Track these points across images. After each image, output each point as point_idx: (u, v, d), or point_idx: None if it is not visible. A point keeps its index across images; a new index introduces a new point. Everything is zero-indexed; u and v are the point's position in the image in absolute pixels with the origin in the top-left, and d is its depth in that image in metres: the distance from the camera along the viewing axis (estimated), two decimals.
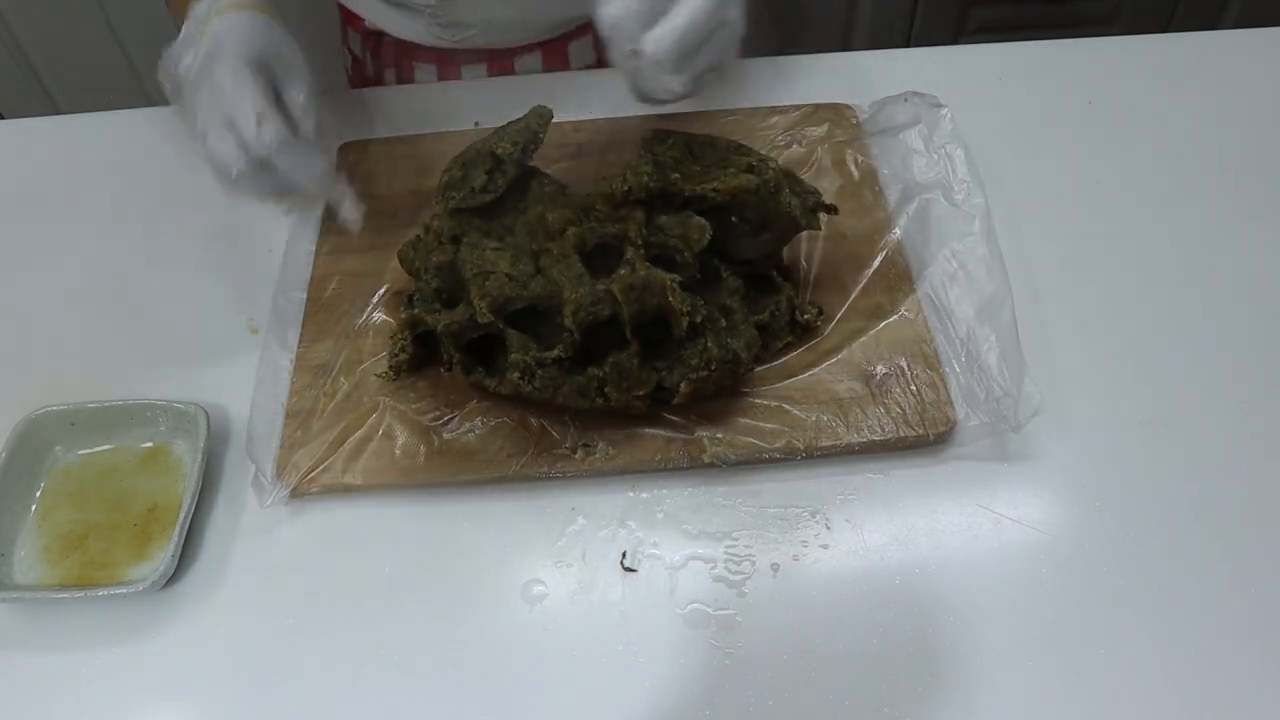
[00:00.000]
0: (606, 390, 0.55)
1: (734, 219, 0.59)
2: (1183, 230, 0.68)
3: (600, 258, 0.57)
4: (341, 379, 0.61)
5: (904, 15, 1.56)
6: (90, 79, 1.54)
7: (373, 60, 0.87)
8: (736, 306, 0.58)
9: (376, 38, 0.85)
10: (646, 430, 0.58)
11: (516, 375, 0.55)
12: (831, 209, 0.61)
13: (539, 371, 0.55)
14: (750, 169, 0.59)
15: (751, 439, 0.57)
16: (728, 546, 0.55)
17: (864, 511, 0.56)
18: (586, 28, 0.83)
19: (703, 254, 0.57)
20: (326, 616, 0.54)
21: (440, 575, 0.55)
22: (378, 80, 0.88)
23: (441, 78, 0.84)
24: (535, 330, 0.57)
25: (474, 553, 0.56)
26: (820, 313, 0.61)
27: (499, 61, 0.84)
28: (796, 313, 0.60)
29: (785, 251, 0.63)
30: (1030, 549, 0.54)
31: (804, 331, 0.61)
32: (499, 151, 0.59)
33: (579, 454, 0.57)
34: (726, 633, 0.52)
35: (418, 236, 0.63)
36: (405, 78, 0.86)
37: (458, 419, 0.59)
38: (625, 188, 0.57)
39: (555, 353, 0.55)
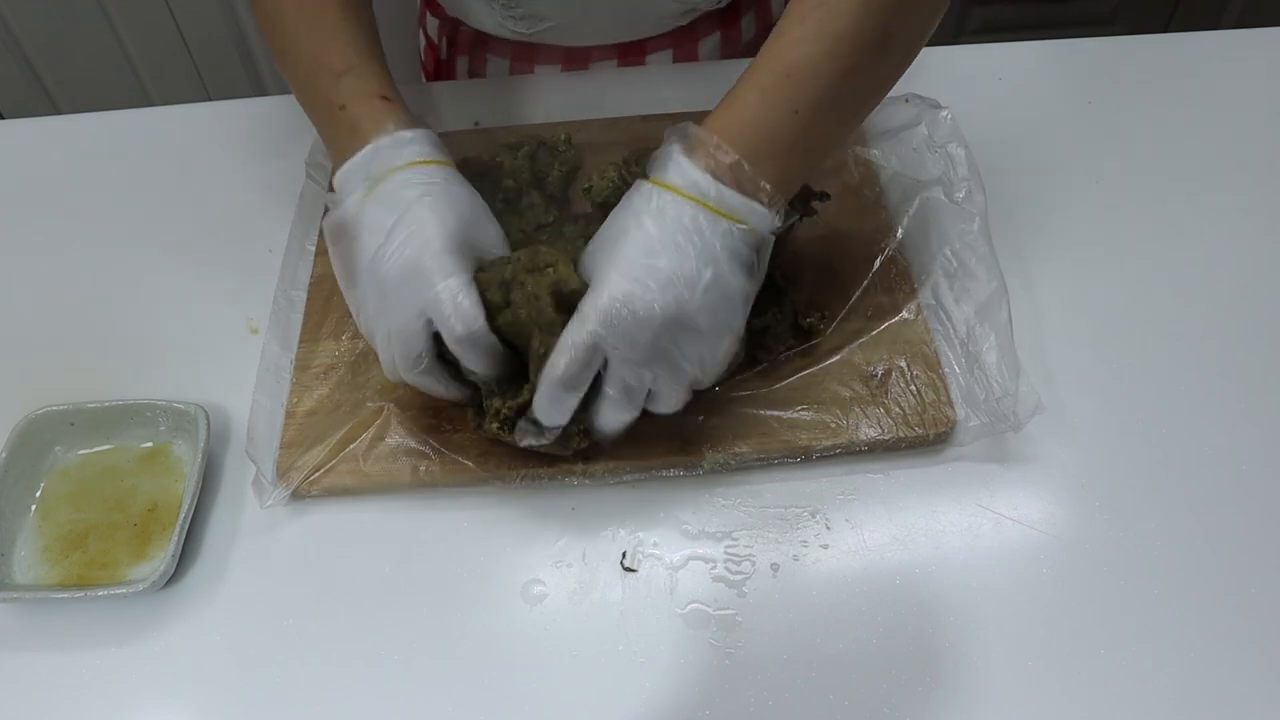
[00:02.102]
0: (587, 431, 0.53)
1: None
2: (1182, 230, 0.68)
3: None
4: (342, 380, 0.61)
5: None
6: (90, 79, 1.54)
7: (448, 48, 0.87)
8: None
9: (454, 25, 0.85)
10: (648, 433, 0.57)
11: (495, 425, 0.53)
12: (823, 195, 0.61)
13: (519, 421, 0.52)
14: None
15: (751, 442, 0.57)
16: (728, 546, 0.55)
17: (864, 511, 0.56)
18: (665, 38, 0.82)
19: None
20: (326, 617, 0.54)
21: (440, 575, 0.55)
22: (450, 67, 0.87)
23: (514, 73, 0.84)
24: (515, 358, 0.54)
25: (474, 553, 0.56)
26: (823, 317, 0.61)
27: (575, 61, 0.83)
28: (799, 318, 0.60)
29: (787, 251, 0.63)
30: (1030, 549, 0.54)
31: (805, 335, 0.61)
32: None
33: (580, 465, 0.57)
34: (726, 633, 0.52)
35: None
36: (477, 68, 0.85)
37: (457, 414, 0.58)
38: (588, 188, 0.57)
39: (524, 398, 0.52)
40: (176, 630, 0.54)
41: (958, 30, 1.60)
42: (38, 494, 0.58)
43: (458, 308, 0.49)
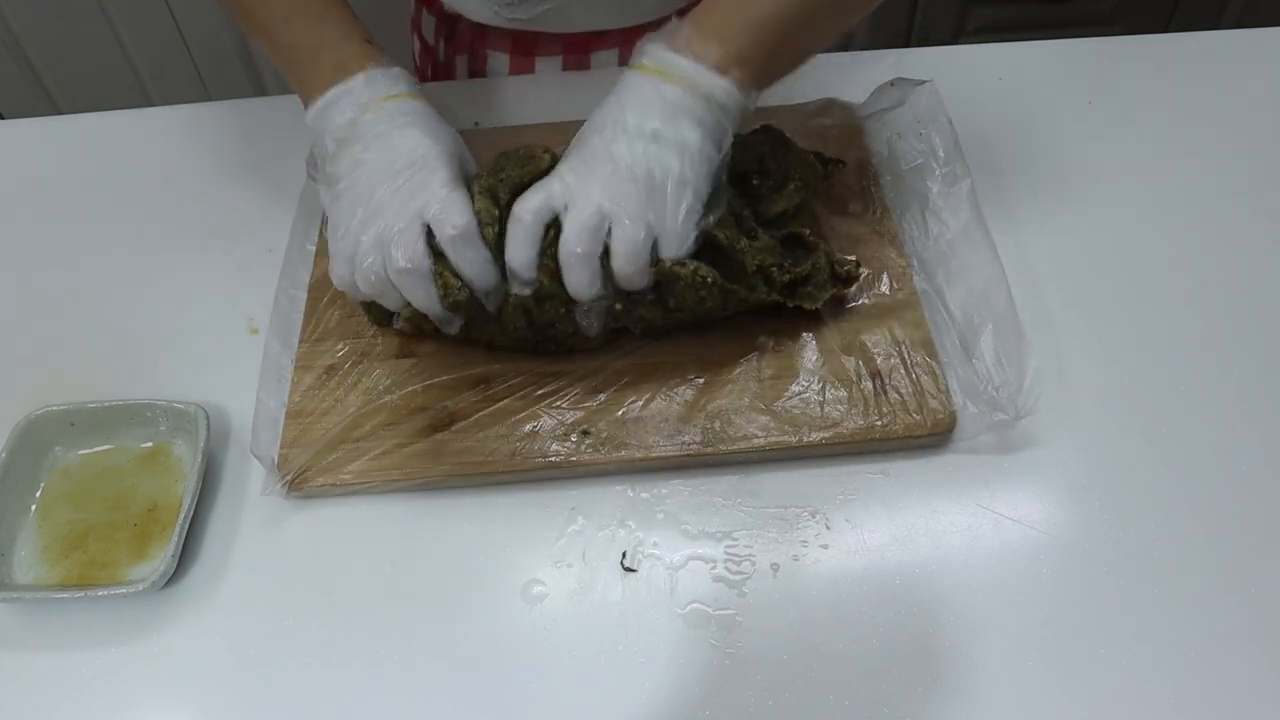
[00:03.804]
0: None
1: (755, 181, 0.61)
2: (1183, 230, 0.68)
3: None
4: (342, 378, 0.61)
5: (904, 15, 1.56)
6: (90, 79, 1.54)
7: (445, 46, 0.86)
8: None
9: (451, 23, 0.85)
10: (645, 418, 0.58)
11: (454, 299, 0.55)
12: (839, 163, 0.65)
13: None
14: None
15: (751, 428, 0.57)
16: (728, 546, 0.55)
17: (864, 511, 0.56)
18: (663, 22, 0.82)
19: (737, 217, 0.58)
20: (326, 616, 0.54)
21: (440, 575, 0.55)
22: (448, 68, 0.87)
23: (514, 68, 0.84)
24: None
25: (474, 552, 0.56)
26: (858, 264, 0.61)
27: (575, 52, 0.83)
28: (835, 265, 0.61)
29: (809, 212, 0.65)
30: (1030, 549, 0.54)
31: (844, 282, 0.61)
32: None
33: (575, 438, 0.57)
34: (726, 633, 0.52)
35: None
36: (477, 67, 0.85)
37: (457, 413, 0.59)
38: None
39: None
40: (176, 630, 0.54)
41: (958, 30, 1.60)
42: (38, 494, 0.58)
43: (450, 208, 0.53)
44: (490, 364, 0.61)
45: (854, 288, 0.62)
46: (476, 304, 0.56)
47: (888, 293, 0.63)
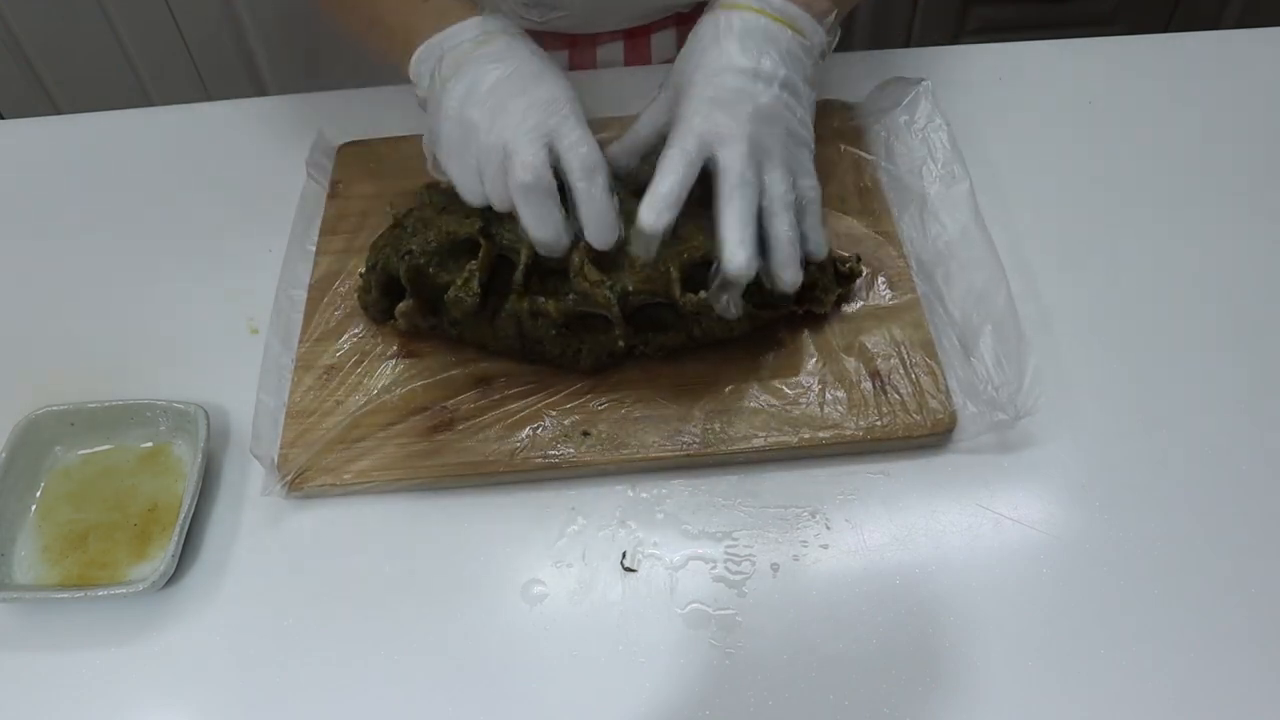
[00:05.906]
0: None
1: None
2: (1183, 230, 0.68)
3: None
4: (343, 378, 0.61)
5: (904, 15, 1.56)
6: (90, 79, 1.54)
7: None
8: None
9: None
10: (645, 419, 0.58)
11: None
12: None
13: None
14: None
15: (751, 429, 0.57)
16: (728, 546, 0.55)
17: (864, 511, 0.56)
18: (670, 20, 0.83)
19: None
20: (326, 616, 0.54)
21: (440, 575, 0.55)
22: None
23: None
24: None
25: (474, 552, 0.56)
26: (859, 259, 0.62)
27: (582, 49, 0.83)
28: (837, 265, 0.61)
29: None
30: (1030, 549, 0.54)
31: (847, 279, 0.62)
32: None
33: (575, 438, 0.57)
34: (726, 633, 0.52)
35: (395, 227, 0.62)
36: None
37: (457, 413, 0.59)
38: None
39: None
40: (176, 630, 0.54)
41: (958, 30, 1.60)
42: (38, 494, 0.58)
43: (581, 140, 0.53)
44: (491, 364, 0.61)
45: (856, 286, 0.63)
46: (478, 309, 0.56)
47: (887, 293, 0.63)
